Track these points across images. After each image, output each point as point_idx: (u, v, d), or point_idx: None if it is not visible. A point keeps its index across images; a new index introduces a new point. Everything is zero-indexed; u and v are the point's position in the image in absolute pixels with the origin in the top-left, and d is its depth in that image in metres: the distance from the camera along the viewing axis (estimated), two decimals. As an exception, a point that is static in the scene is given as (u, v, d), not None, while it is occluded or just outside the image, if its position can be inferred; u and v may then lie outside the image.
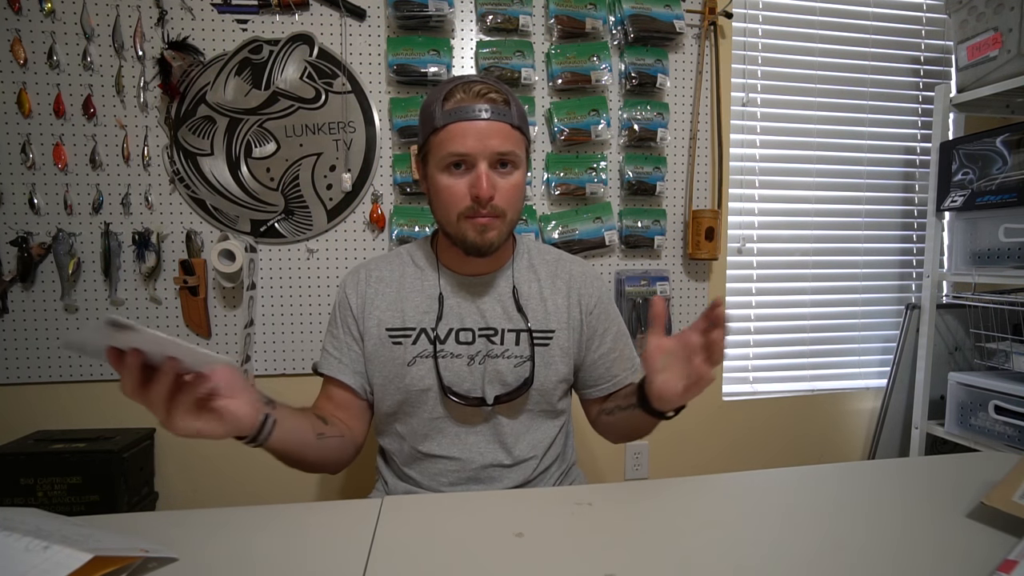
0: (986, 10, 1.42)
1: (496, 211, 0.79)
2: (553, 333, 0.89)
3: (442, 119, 0.77)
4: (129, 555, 0.50)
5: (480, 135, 0.76)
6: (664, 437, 1.66)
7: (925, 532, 0.59)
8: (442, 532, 0.59)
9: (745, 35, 1.66)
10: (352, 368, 0.88)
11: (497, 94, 0.78)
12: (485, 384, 0.86)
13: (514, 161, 0.80)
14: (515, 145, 0.79)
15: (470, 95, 0.77)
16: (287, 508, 0.67)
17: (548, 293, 0.90)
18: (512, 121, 0.78)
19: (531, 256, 0.93)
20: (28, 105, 1.32)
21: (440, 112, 0.77)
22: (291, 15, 1.40)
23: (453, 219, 0.80)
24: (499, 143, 0.77)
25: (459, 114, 0.76)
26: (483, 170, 0.77)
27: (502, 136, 0.77)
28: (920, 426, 1.62)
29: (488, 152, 0.77)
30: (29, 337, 1.37)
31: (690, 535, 0.59)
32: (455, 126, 0.76)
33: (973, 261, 1.52)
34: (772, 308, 1.77)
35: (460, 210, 0.79)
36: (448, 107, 0.77)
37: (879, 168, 1.80)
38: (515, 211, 0.83)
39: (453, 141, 0.76)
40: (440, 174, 0.79)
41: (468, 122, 0.76)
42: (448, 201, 0.79)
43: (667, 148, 1.60)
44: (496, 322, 0.87)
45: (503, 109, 0.78)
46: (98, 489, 1.26)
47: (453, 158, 0.77)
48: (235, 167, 1.40)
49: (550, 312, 0.89)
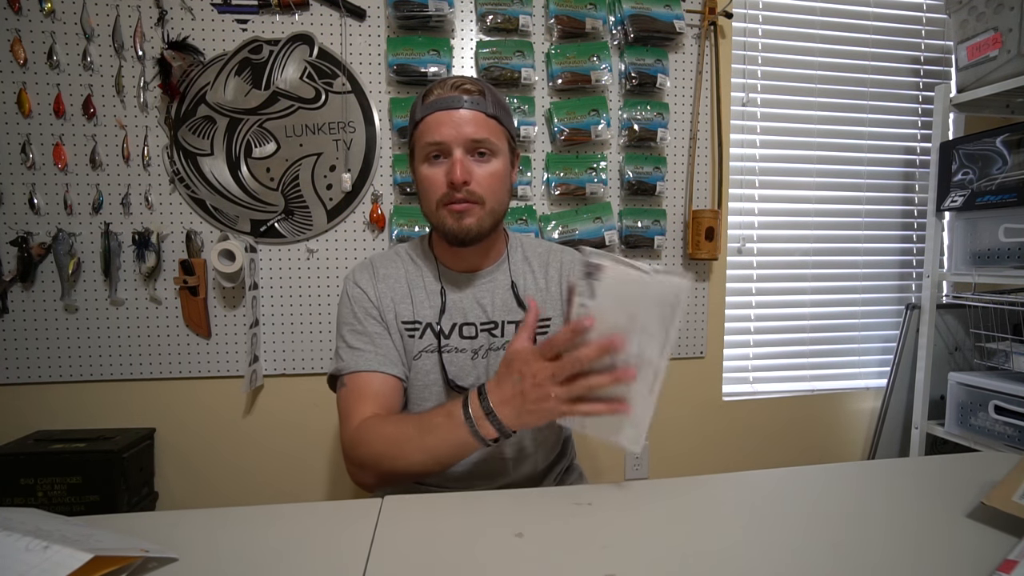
0: (986, 10, 1.42)
1: (473, 196, 0.80)
2: (549, 320, 0.90)
3: (421, 112, 0.81)
4: (129, 555, 0.50)
5: (455, 123, 0.79)
6: (664, 437, 1.66)
7: (925, 532, 0.59)
8: (442, 532, 0.59)
9: (745, 35, 1.66)
10: (388, 358, 0.84)
11: (472, 85, 0.81)
12: (488, 377, 0.87)
13: (491, 149, 0.81)
14: (490, 133, 0.81)
15: (446, 88, 0.81)
16: (287, 508, 0.67)
17: (543, 283, 0.92)
18: (486, 110, 0.81)
19: (524, 250, 0.95)
20: (28, 105, 1.32)
21: (420, 107, 0.81)
22: (291, 15, 1.40)
23: (433, 208, 0.82)
24: (473, 130, 0.79)
25: (435, 105, 0.80)
26: (458, 156, 0.79)
27: (476, 124, 0.80)
28: (920, 426, 1.62)
29: (462, 139, 0.79)
30: (29, 337, 1.37)
31: (690, 535, 0.59)
32: (432, 117, 0.80)
33: (973, 261, 1.52)
34: (772, 308, 1.77)
35: (438, 197, 0.81)
36: (427, 102, 0.81)
37: (879, 168, 1.80)
38: (496, 200, 0.83)
39: (430, 131, 0.79)
40: (421, 165, 0.82)
41: (444, 111, 0.79)
42: (428, 190, 0.82)
43: (667, 148, 1.60)
44: (497, 315, 0.88)
45: (477, 99, 0.80)
46: (98, 489, 1.26)
47: (431, 148, 0.80)
48: (235, 167, 1.40)
49: (546, 301, 0.91)
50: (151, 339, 1.42)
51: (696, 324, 1.66)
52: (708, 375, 1.69)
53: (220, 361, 1.44)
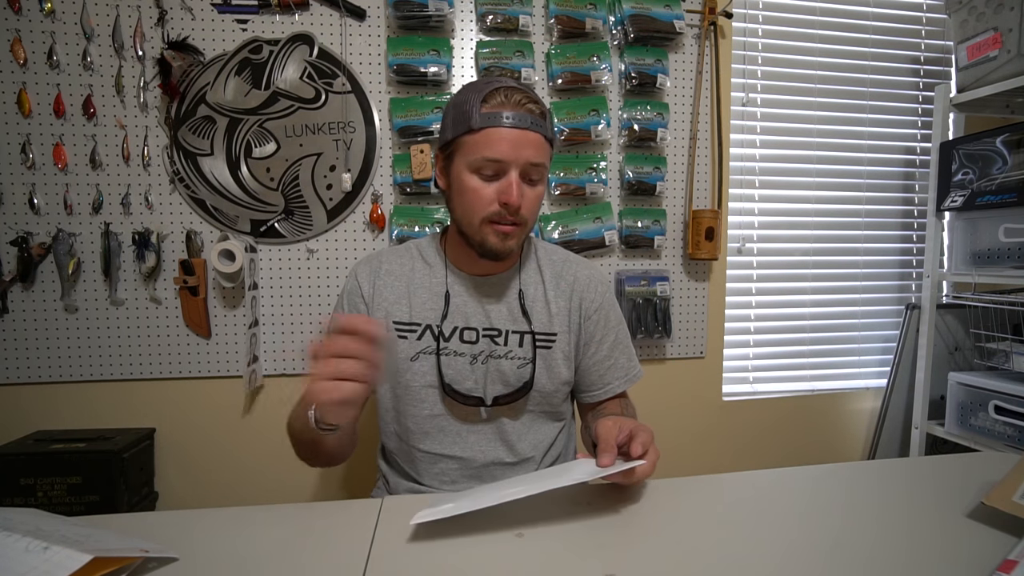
0: (986, 10, 1.42)
1: (520, 220, 0.80)
2: (555, 336, 0.89)
3: (480, 121, 0.77)
4: (129, 555, 0.50)
5: (516, 144, 0.76)
6: (664, 437, 1.65)
7: (925, 532, 0.59)
8: (442, 532, 0.59)
9: (745, 35, 1.66)
10: None
11: (535, 105, 0.79)
12: (487, 384, 0.87)
13: (543, 173, 0.81)
14: (546, 158, 0.81)
15: (511, 103, 0.77)
16: (287, 508, 0.67)
17: (552, 296, 0.90)
18: (547, 134, 0.80)
19: (539, 258, 0.94)
20: (28, 105, 1.32)
21: (477, 114, 0.77)
22: (291, 15, 1.40)
23: (476, 222, 0.80)
24: (533, 154, 0.78)
25: (498, 119, 0.76)
26: (515, 178, 0.77)
27: (536, 147, 0.78)
28: (920, 426, 1.62)
29: (522, 161, 0.77)
30: (29, 337, 1.37)
31: (690, 535, 0.59)
32: (493, 131, 0.76)
33: (973, 261, 1.52)
34: (772, 308, 1.77)
35: (486, 215, 0.79)
36: (486, 110, 0.77)
37: (879, 168, 1.80)
38: (534, 220, 0.85)
39: (489, 146, 0.76)
40: (469, 175, 0.79)
41: (507, 129, 0.76)
42: (474, 203, 0.79)
43: (667, 148, 1.60)
44: (501, 323, 0.88)
45: (540, 121, 0.78)
46: (98, 489, 1.26)
47: (487, 163, 0.77)
48: (235, 167, 1.40)
49: (553, 315, 0.90)
50: (151, 339, 1.42)
51: (696, 324, 1.66)
52: (708, 375, 1.69)
53: (220, 361, 1.44)
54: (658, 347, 1.64)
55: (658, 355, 1.64)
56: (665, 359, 1.65)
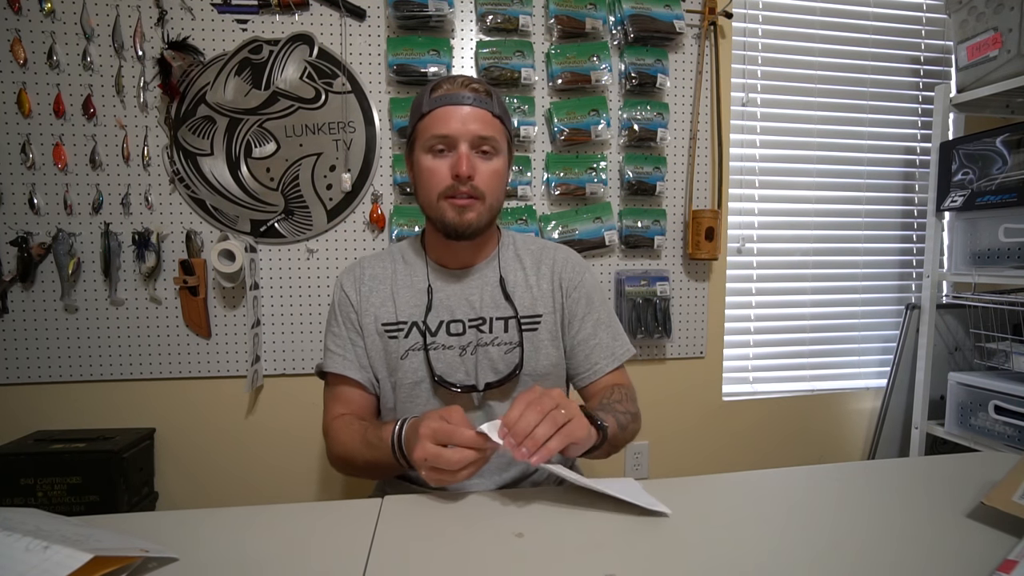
0: (986, 10, 1.42)
1: (476, 192, 0.82)
2: (540, 317, 0.90)
3: (428, 105, 0.82)
4: (129, 555, 0.50)
5: (463, 119, 0.81)
6: (664, 437, 1.66)
7: (925, 532, 0.59)
8: (442, 532, 0.59)
9: (745, 35, 1.66)
10: (358, 363, 0.89)
11: (479, 84, 0.84)
12: (478, 373, 0.88)
13: (495, 147, 0.84)
14: (495, 132, 0.83)
15: (455, 85, 0.83)
16: (287, 508, 0.67)
17: (534, 280, 0.92)
18: (493, 109, 0.83)
19: (516, 246, 0.95)
20: (28, 105, 1.32)
21: (427, 100, 0.83)
22: (291, 15, 1.40)
23: (434, 200, 0.83)
24: (480, 127, 0.81)
25: (444, 100, 0.81)
26: (464, 151, 0.81)
27: (483, 121, 0.82)
28: (920, 426, 1.62)
29: (469, 135, 0.81)
30: (29, 337, 1.37)
31: (690, 535, 0.59)
32: (440, 110, 0.81)
33: (973, 261, 1.52)
34: (772, 308, 1.77)
35: (440, 190, 0.82)
36: (435, 95, 0.82)
37: (879, 168, 1.80)
38: (495, 197, 0.85)
39: (437, 124, 0.81)
40: (424, 155, 0.83)
41: (452, 107, 0.81)
42: (429, 181, 0.83)
43: (667, 148, 1.60)
44: (485, 311, 0.89)
45: (484, 98, 0.83)
46: (98, 489, 1.26)
47: (436, 140, 0.81)
48: (235, 167, 1.40)
49: (536, 298, 0.91)
50: (151, 339, 1.42)
51: (696, 324, 1.66)
52: (708, 375, 1.70)
53: (220, 361, 1.44)
54: (658, 347, 1.64)
55: (658, 355, 1.64)
56: (665, 359, 1.65)
